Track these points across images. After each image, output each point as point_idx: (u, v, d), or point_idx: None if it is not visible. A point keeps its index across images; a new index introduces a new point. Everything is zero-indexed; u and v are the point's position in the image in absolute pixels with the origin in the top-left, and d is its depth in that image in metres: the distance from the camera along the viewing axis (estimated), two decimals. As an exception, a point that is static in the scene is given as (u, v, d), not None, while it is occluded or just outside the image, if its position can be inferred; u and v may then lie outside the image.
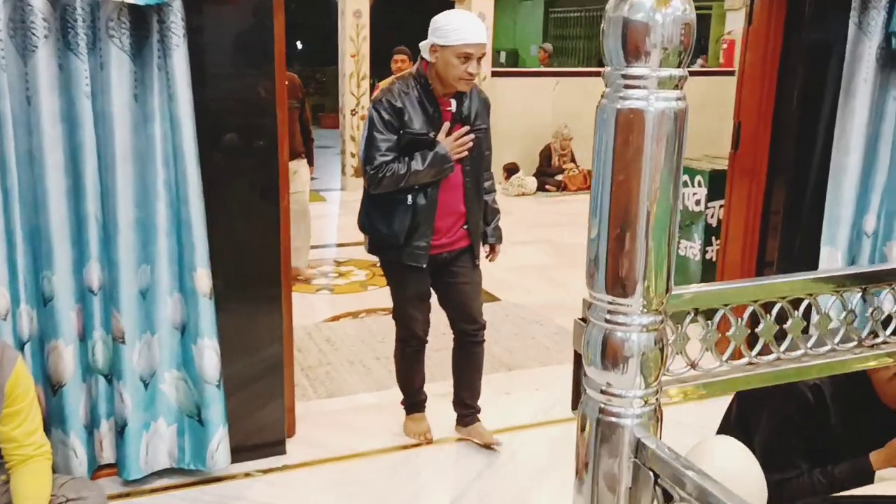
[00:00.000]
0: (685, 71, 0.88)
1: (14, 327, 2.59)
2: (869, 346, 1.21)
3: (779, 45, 3.65)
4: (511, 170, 9.27)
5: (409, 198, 2.97)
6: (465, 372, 3.29)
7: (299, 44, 13.62)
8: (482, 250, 3.26)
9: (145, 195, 2.71)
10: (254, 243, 3.04)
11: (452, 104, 3.01)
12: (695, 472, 0.87)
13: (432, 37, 2.91)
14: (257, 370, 3.09)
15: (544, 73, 10.58)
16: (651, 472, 0.92)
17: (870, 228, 3.58)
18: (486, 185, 3.23)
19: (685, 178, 4.95)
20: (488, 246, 3.30)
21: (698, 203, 4.94)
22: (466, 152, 2.98)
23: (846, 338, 1.21)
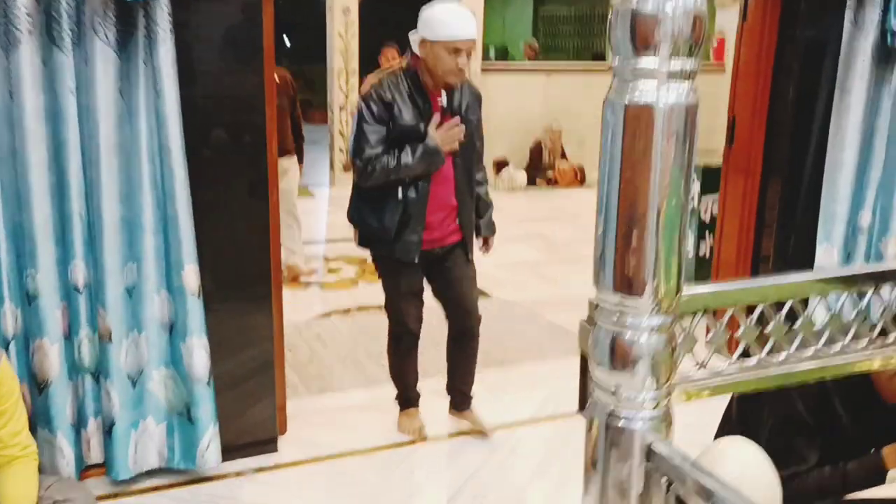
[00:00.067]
0: (696, 63, 0.85)
1: (-2, 326, 2.55)
2: (880, 346, 1.19)
3: (774, 40, 3.63)
4: (501, 165, 9.24)
5: (400, 191, 2.94)
6: (460, 363, 3.30)
7: (287, 40, 13.56)
8: (475, 243, 3.24)
9: (131, 192, 2.66)
10: (243, 240, 2.99)
11: (443, 97, 2.98)
12: (710, 478, 0.84)
13: (421, 30, 2.87)
14: (248, 368, 3.05)
15: (534, 68, 10.56)
16: (664, 478, 0.89)
17: (865, 224, 3.56)
18: (478, 178, 3.20)
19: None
20: (482, 238, 3.28)
21: (692, 199, 4.92)
22: (457, 144, 2.95)
23: (857, 336, 1.19)
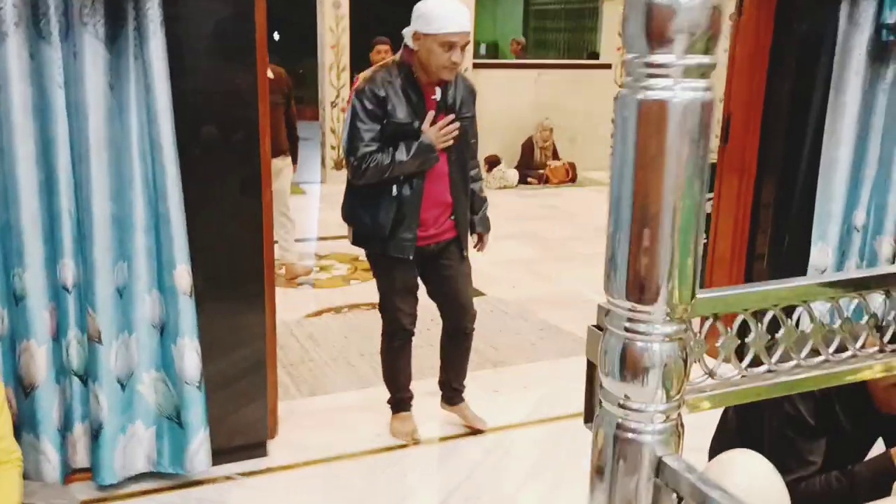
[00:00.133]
0: (713, 58, 0.82)
1: (-16, 327, 2.49)
2: (892, 352, 1.16)
3: (769, 37, 3.61)
4: (492, 162, 9.21)
5: (395, 189, 2.91)
6: (454, 360, 3.31)
7: (277, 35, 13.46)
8: (470, 240, 3.21)
9: (121, 189, 2.61)
10: (235, 239, 2.94)
11: (437, 92, 2.94)
12: (723, 494, 0.80)
13: (415, 24, 2.83)
14: (239, 369, 3.00)
15: (526, 64, 10.53)
16: (674, 493, 0.86)
17: (859, 223, 3.54)
18: (473, 174, 3.18)
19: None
20: (476, 235, 3.25)
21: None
22: (452, 141, 2.92)
23: (868, 343, 1.16)
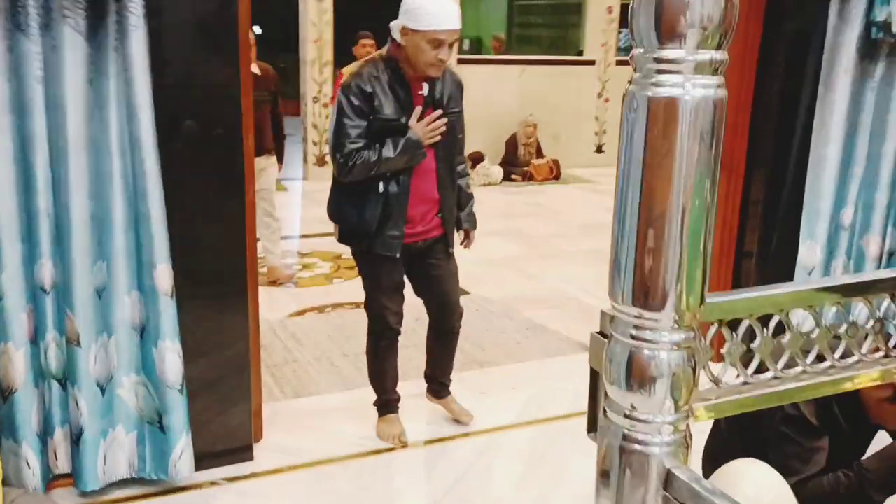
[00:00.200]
0: (726, 54, 0.78)
1: (-41, 330, 2.42)
2: (897, 357, 1.13)
3: (758, 35, 3.58)
4: (476, 159, 9.17)
5: (381, 185, 2.88)
6: (441, 356, 3.31)
7: (258, 28, 13.37)
8: (456, 237, 3.18)
9: (100, 187, 2.54)
10: (217, 238, 2.88)
11: (424, 88, 2.90)
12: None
13: (403, 19, 2.78)
14: (222, 371, 2.94)
15: (510, 60, 10.49)
16: (684, 508, 0.82)
17: (847, 221, 3.53)
18: (460, 169, 3.15)
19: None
20: (462, 231, 3.21)
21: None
22: (439, 137, 2.89)
23: (874, 348, 1.13)
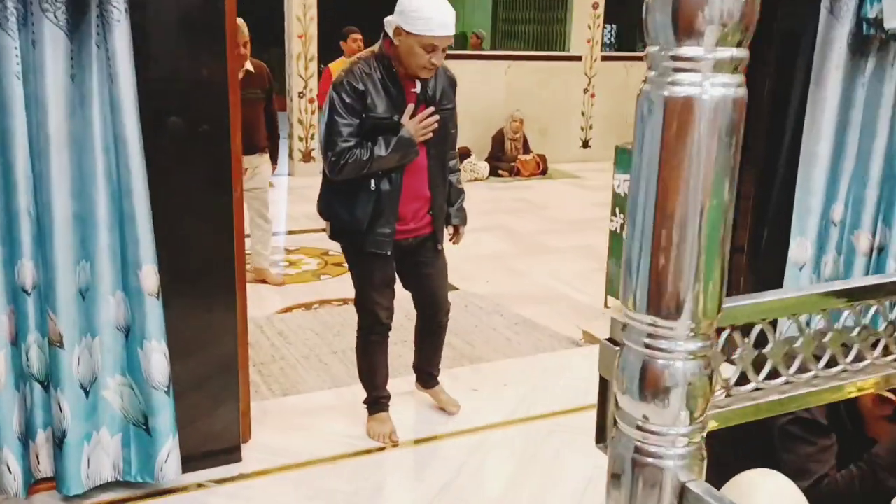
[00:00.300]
0: (746, 52, 0.75)
1: (-62, 332, 2.35)
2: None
3: (749, 30, 3.56)
4: (463, 154, 9.13)
5: (373, 183, 2.85)
6: (428, 349, 3.34)
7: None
8: (446, 232, 3.16)
9: (83, 186, 2.48)
10: (204, 236, 2.83)
11: (417, 85, 2.88)
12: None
13: (399, 19, 2.73)
14: (209, 370, 2.88)
15: (495, 56, 10.46)
16: (700, 524, 0.79)
17: (837, 217, 3.52)
18: (451, 165, 3.13)
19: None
20: (452, 227, 3.18)
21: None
22: (431, 134, 2.86)
23: (887, 351, 1.10)
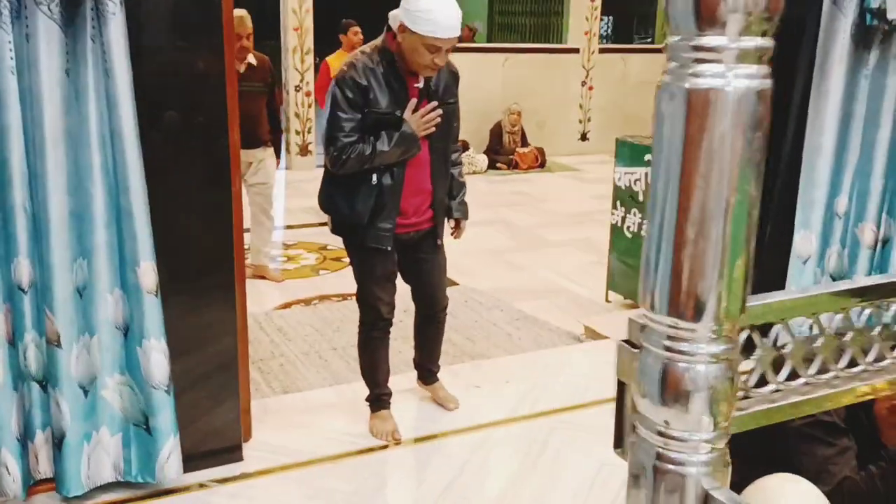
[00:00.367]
0: (771, 41, 0.72)
1: (-67, 332, 2.32)
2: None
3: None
4: (461, 148, 9.10)
5: (374, 177, 2.83)
6: (428, 343, 3.33)
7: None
8: (446, 227, 3.14)
9: (80, 182, 2.44)
10: (203, 232, 2.80)
11: (420, 80, 2.87)
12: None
13: (403, 15, 2.70)
14: (209, 368, 2.85)
15: (493, 49, 10.42)
16: (725, 534, 0.76)
17: (841, 210, 3.49)
18: (453, 158, 3.12)
19: (647, 156, 4.84)
20: (453, 221, 3.15)
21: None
22: (434, 129, 2.84)
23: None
